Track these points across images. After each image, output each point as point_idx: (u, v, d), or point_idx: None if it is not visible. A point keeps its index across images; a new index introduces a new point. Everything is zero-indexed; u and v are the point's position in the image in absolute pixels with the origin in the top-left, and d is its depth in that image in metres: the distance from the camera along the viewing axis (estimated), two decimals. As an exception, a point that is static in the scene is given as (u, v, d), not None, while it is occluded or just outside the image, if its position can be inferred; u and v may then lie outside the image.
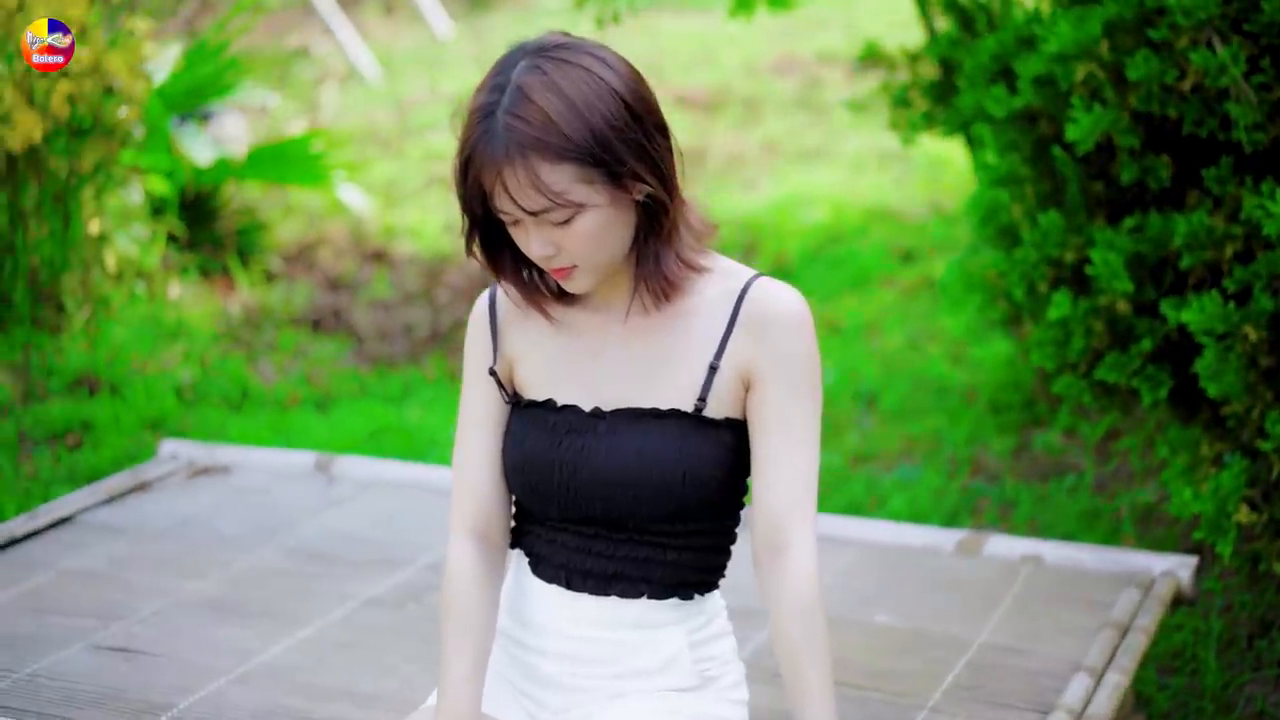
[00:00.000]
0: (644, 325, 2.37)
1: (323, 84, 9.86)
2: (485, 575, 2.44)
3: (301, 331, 6.45)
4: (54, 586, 3.58)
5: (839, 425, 5.39)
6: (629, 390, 2.36)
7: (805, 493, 2.32)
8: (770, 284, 2.34)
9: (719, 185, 7.92)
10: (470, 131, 2.21)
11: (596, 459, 2.33)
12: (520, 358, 2.43)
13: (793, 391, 2.31)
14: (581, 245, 2.24)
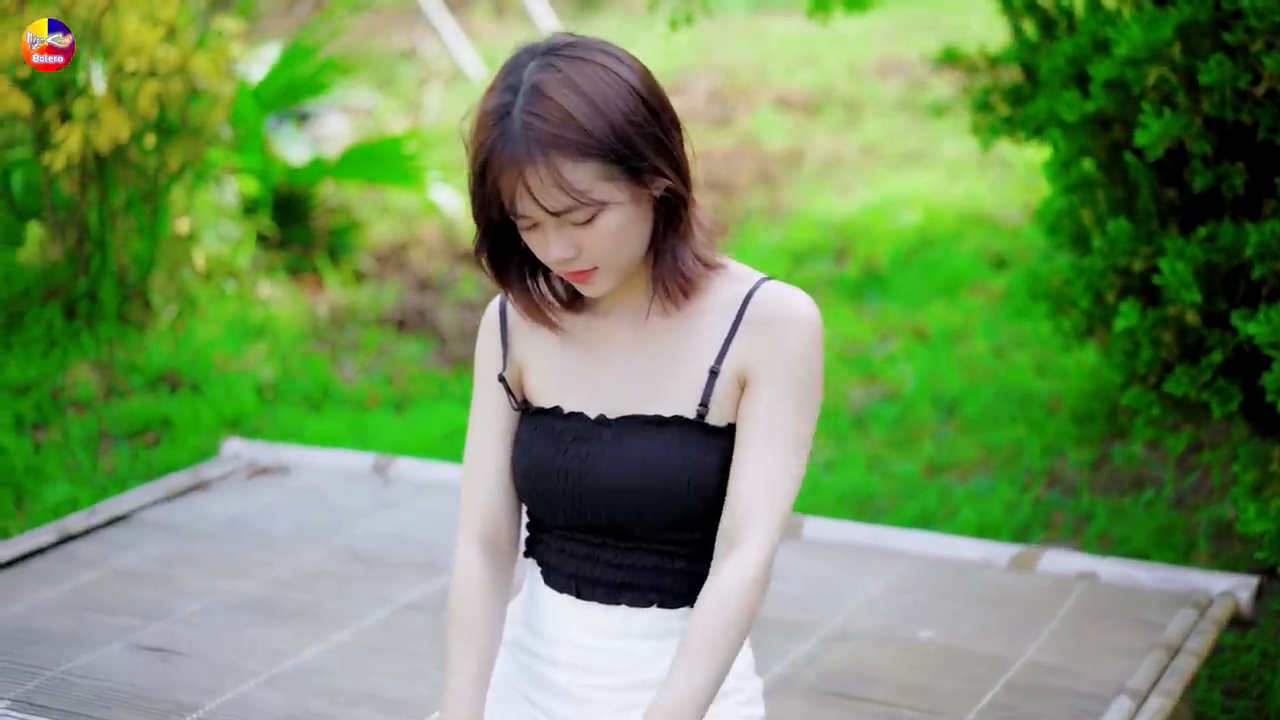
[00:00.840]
0: (652, 330, 2.33)
1: (426, 84, 9.90)
2: (491, 582, 2.41)
3: (386, 331, 6.46)
4: (101, 584, 3.60)
5: (916, 433, 5.31)
6: (635, 397, 2.32)
7: (774, 496, 2.26)
8: (780, 287, 2.29)
9: (814, 188, 7.84)
10: (485, 134, 2.17)
11: (600, 467, 2.29)
12: (529, 364, 2.40)
13: (784, 393, 2.25)
14: (604, 245, 2.20)
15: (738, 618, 2.24)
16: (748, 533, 2.25)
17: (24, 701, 3.02)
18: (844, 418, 5.46)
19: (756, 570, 2.25)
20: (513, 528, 2.46)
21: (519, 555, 2.48)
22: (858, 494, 4.83)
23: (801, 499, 4.76)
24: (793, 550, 3.72)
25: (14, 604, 3.49)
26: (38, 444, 5.43)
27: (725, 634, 2.24)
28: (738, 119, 8.87)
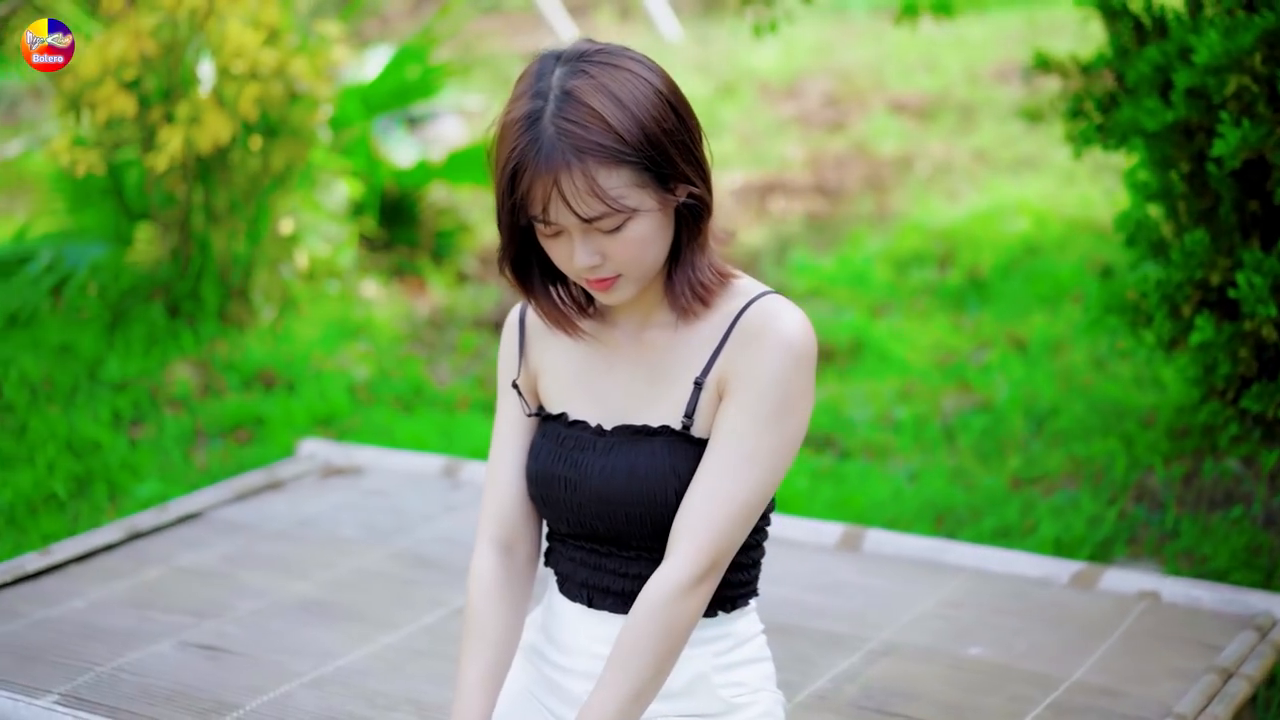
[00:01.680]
0: (653, 340, 2.33)
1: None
2: (503, 585, 2.43)
3: (483, 334, 6.49)
4: (163, 582, 3.65)
5: (1005, 445, 5.22)
6: (631, 406, 2.33)
7: (715, 512, 2.23)
8: (775, 303, 2.27)
9: (923, 194, 7.76)
10: (515, 141, 2.17)
11: (593, 476, 2.30)
12: (543, 371, 2.42)
13: (750, 409, 2.23)
14: (630, 252, 2.20)
15: (659, 629, 2.23)
16: (682, 542, 2.24)
17: (71, 696, 3.07)
18: (933, 428, 5.39)
19: (682, 582, 2.23)
20: (529, 532, 2.47)
21: (539, 560, 2.50)
22: (938, 506, 4.77)
23: (880, 510, 4.72)
24: (851, 563, 3.69)
25: (77, 599, 3.55)
26: (133, 440, 5.53)
27: (645, 644, 2.23)
28: (851, 123, 8.81)
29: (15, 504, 5.16)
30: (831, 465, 5.14)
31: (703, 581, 2.26)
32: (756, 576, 2.45)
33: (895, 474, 5.05)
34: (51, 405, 5.76)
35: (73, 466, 5.36)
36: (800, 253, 7.15)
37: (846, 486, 4.95)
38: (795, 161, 8.31)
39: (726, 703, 2.42)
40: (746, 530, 2.29)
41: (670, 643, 2.25)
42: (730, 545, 2.27)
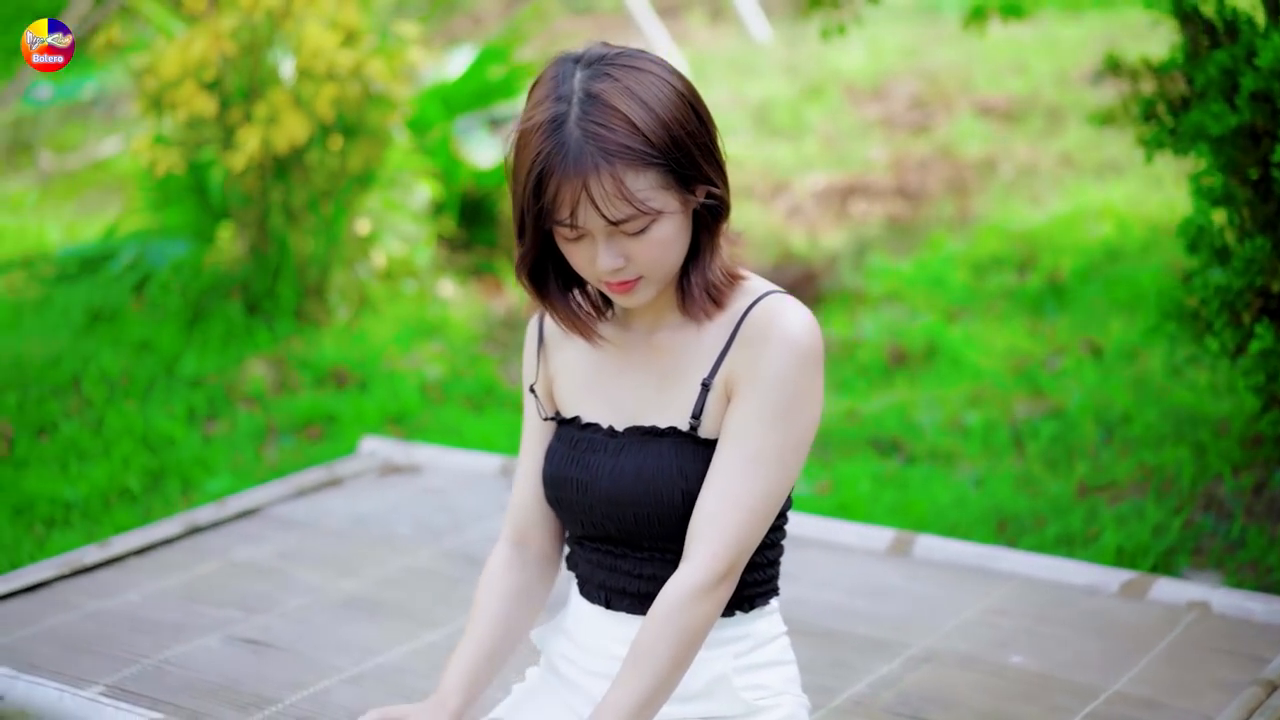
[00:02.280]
0: (663, 341, 2.34)
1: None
2: (509, 581, 2.48)
3: (557, 334, 6.52)
4: (216, 576, 3.70)
5: (1074, 452, 5.17)
6: (643, 407, 2.34)
7: (728, 515, 2.24)
8: (780, 302, 2.27)
9: (1006, 198, 7.70)
10: (540, 146, 2.17)
11: (602, 478, 2.32)
12: (559, 374, 2.44)
13: (758, 409, 2.23)
14: (654, 254, 2.21)
15: (675, 631, 2.23)
16: (698, 545, 2.24)
17: (116, 687, 3.11)
18: (1003, 433, 5.35)
19: (699, 584, 2.24)
20: (545, 533, 2.50)
21: (557, 559, 2.53)
22: (1001, 512, 4.73)
23: (942, 516, 4.69)
24: (899, 568, 3.67)
25: (130, 592, 3.61)
26: (207, 436, 5.60)
27: (661, 647, 2.23)
28: (936, 125, 8.75)
29: (90, 497, 5.25)
30: (896, 470, 5.12)
31: (720, 584, 2.27)
32: (774, 576, 2.45)
33: (960, 480, 5.02)
34: (129, 401, 5.85)
35: (147, 461, 5.45)
36: (878, 256, 7.11)
37: (909, 491, 4.92)
38: (878, 164, 8.27)
39: (748, 705, 2.42)
40: (763, 530, 2.29)
41: (686, 645, 2.26)
42: (747, 546, 2.28)
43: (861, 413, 5.61)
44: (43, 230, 8.06)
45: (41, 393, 5.98)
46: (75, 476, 5.37)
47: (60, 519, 5.13)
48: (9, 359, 6.33)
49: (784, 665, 2.49)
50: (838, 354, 6.18)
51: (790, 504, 2.43)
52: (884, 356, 6.09)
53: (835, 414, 5.61)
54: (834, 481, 5.03)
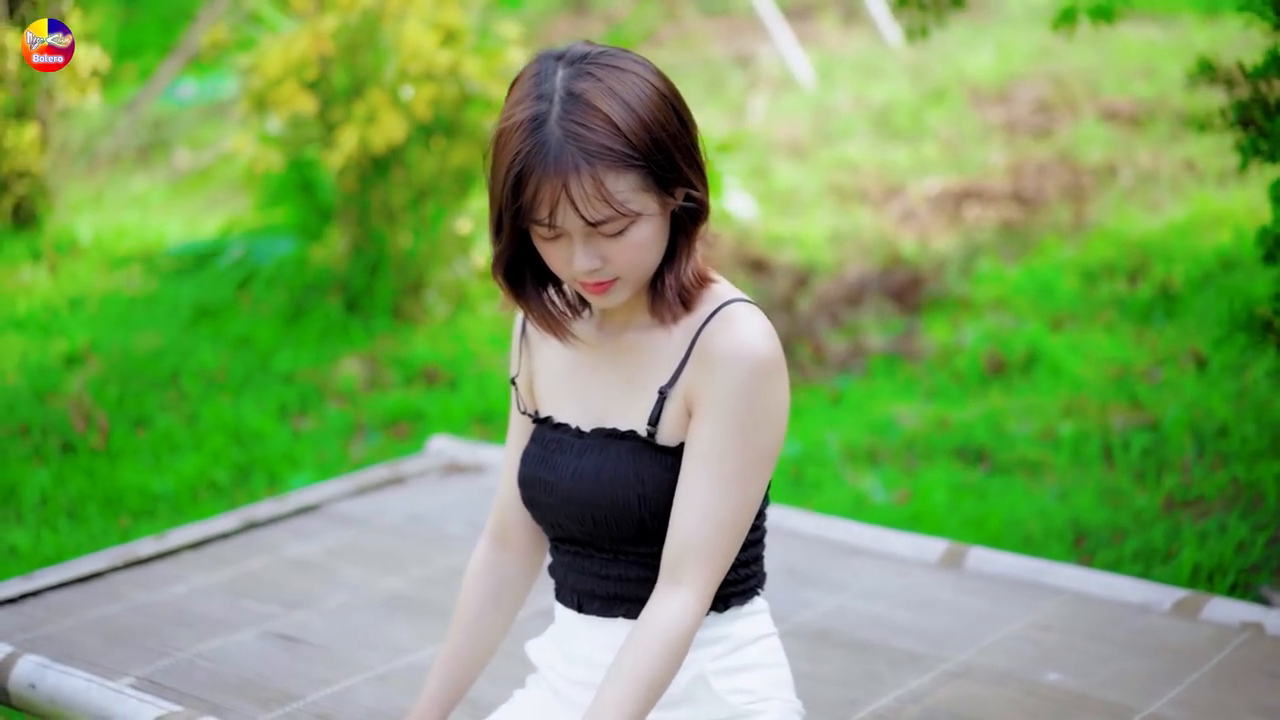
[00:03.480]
0: (631, 341, 2.30)
1: (753, 91, 9.90)
2: (486, 582, 2.50)
3: (653, 336, 6.49)
4: (265, 571, 3.72)
5: (1165, 465, 5.04)
6: (609, 409, 2.32)
7: (714, 537, 2.21)
8: (735, 313, 2.22)
9: (1123, 204, 7.53)
10: (520, 145, 2.14)
11: (565, 478, 2.30)
12: (538, 372, 2.43)
13: (723, 427, 2.19)
14: (631, 256, 2.18)
15: (672, 660, 2.21)
16: (687, 574, 2.21)
17: (146, 680, 3.14)
18: (1094, 445, 5.22)
19: (694, 619, 2.23)
20: (525, 530, 2.51)
21: (538, 556, 2.51)
22: (1081, 526, 4.62)
23: (1018, 528, 4.59)
24: (949, 580, 3.59)
25: (178, 585, 3.64)
26: (296, 432, 5.65)
27: (660, 675, 2.22)
28: (1059, 130, 8.59)
29: (179, 490, 5.32)
30: (978, 480, 5.02)
31: (708, 605, 2.25)
32: (751, 575, 2.39)
33: (1045, 491, 4.91)
34: (224, 395, 5.92)
35: (236, 456, 5.51)
36: (988, 262, 7.00)
37: (988, 502, 4.82)
38: (996, 168, 8.13)
39: (734, 708, 2.37)
40: (740, 543, 2.26)
41: (676, 668, 2.24)
42: (729, 563, 2.26)
43: (951, 421, 5.51)
44: (164, 227, 8.20)
45: (142, 386, 6.08)
46: (166, 469, 5.45)
47: (147, 511, 5.20)
48: (117, 352, 6.44)
49: (771, 669, 2.42)
50: (934, 361, 6.09)
51: (767, 501, 2.39)
52: (982, 364, 5.98)
53: (925, 422, 5.52)
54: (913, 490, 4.95)
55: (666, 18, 11.82)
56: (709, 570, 2.22)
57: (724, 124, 9.37)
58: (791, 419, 5.69)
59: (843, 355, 6.25)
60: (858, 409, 5.73)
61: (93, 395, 5.99)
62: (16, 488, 5.41)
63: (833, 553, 3.76)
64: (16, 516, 5.23)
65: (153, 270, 7.47)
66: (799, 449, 5.35)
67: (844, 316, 6.64)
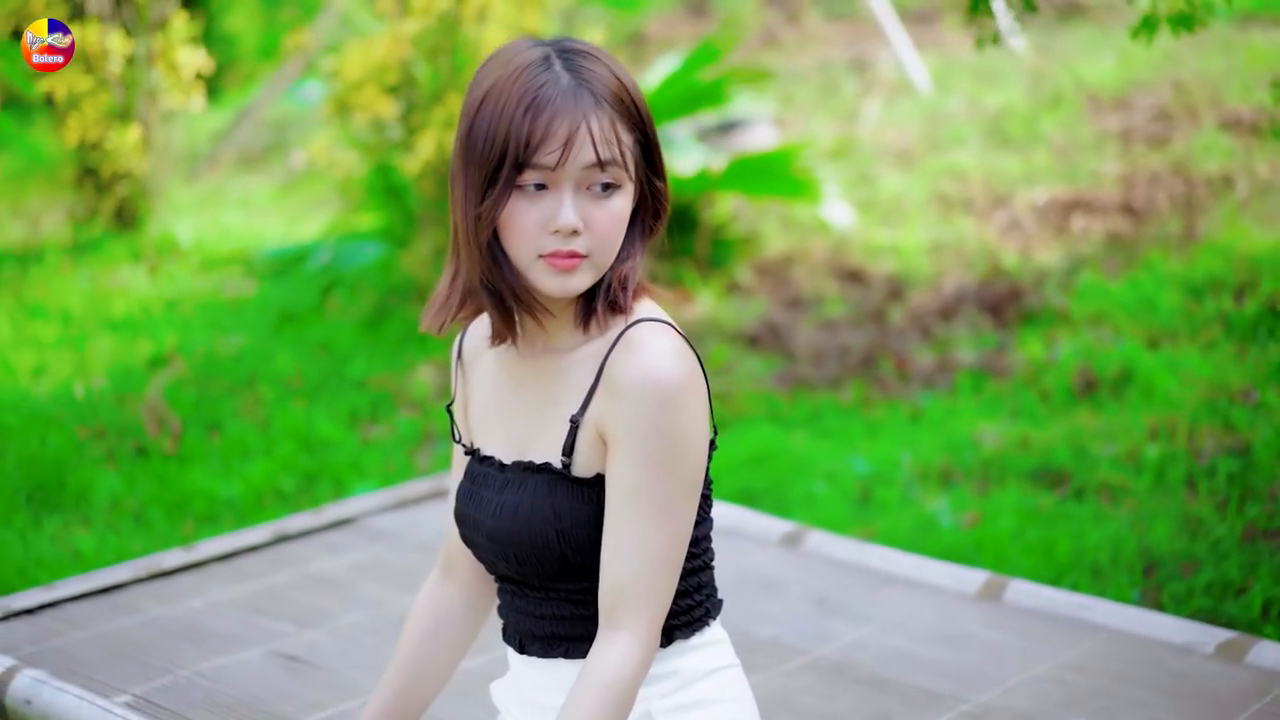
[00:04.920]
0: (550, 365, 2.18)
1: (867, 96, 9.72)
2: (427, 618, 2.40)
3: (737, 347, 6.36)
4: (285, 587, 3.66)
5: (1250, 493, 4.81)
6: (528, 439, 2.21)
7: (647, 575, 2.08)
8: (639, 337, 2.09)
9: (1236, 217, 7.26)
10: (530, 82, 2.04)
11: (487, 516, 2.19)
12: (471, 399, 2.33)
13: (641, 461, 2.06)
14: (608, 228, 2.09)
15: (620, 706, 2.09)
16: (627, 616, 2.09)
17: (142, 698, 3.09)
18: (1179, 469, 5.01)
19: (638, 662, 2.10)
20: (467, 561, 2.41)
21: (487, 589, 2.41)
22: (1153, 555, 4.42)
23: (1086, 555, 4.41)
24: (983, 613, 3.43)
25: (196, 599, 3.59)
26: (365, 440, 5.60)
27: None
28: (1176, 139, 8.32)
29: (245, 496, 5.30)
30: (1052, 505, 4.83)
31: (655, 647, 2.13)
32: (694, 606, 2.24)
33: (1120, 518, 4.71)
34: (297, 401, 5.90)
35: (304, 462, 5.48)
36: (1090, 275, 6.77)
37: (1059, 528, 4.64)
38: (1108, 178, 7.89)
39: None
40: (677, 575, 2.13)
41: (625, 715, 2.12)
42: (669, 599, 2.13)
43: (1033, 441, 5.32)
44: (265, 230, 8.23)
45: (219, 390, 6.07)
46: (234, 475, 5.43)
47: (212, 516, 5.18)
48: (200, 355, 6.45)
49: (727, 704, 2.26)
50: (1024, 378, 5.90)
51: (710, 523, 2.26)
52: (1072, 382, 5.78)
53: (1005, 442, 5.34)
54: (982, 514, 4.77)
55: (788, 21, 11.67)
56: (647, 609, 2.09)
57: (834, 130, 9.20)
58: (866, 436, 5.54)
59: (928, 370, 6.08)
60: (937, 427, 5.56)
61: (169, 399, 5.99)
62: (88, 490, 5.42)
63: (867, 582, 3.61)
64: (85, 519, 5.24)
65: (250, 273, 7.49)
66: (869, 468, 5.20)
67: (935, 330, 6.46)
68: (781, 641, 3.33)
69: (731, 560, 3.74)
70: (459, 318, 2.20)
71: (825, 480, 5.15)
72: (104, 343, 6.82)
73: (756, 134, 8.52)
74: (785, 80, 10.05)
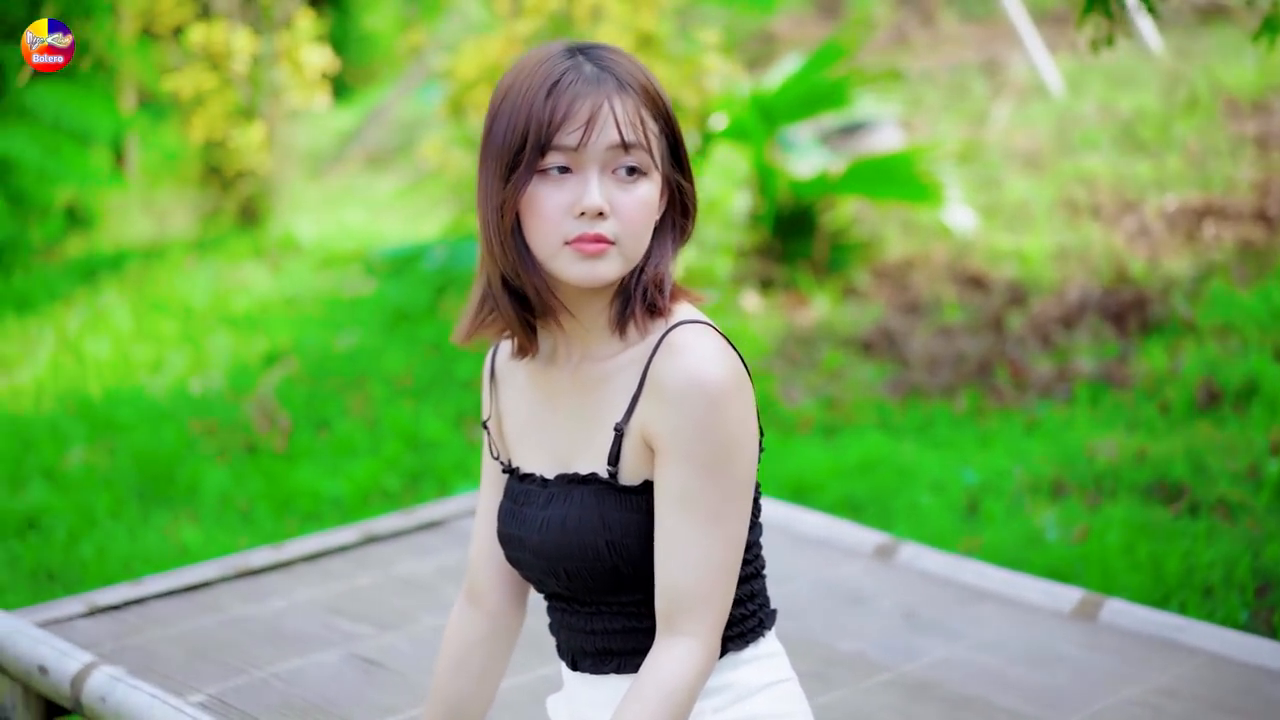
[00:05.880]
0: (590, 374, 2.13)
1: (998, 98, 9.56)
2: (455, 647, 2.35)
3: (850, 353, 6.27)
4: (369, 589, 3.64)
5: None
6: (571, 451, 2.15)
7: (707, 579, 2.03)
8: (681, 340, 2.03)
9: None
10: (552, 68, 2.05)
11: (534, 532, 2.14)
12: (503, 417, 2.28)
13: (692, 466, 2.01)
14: (635, 214, 2.06)
15: (676, 714, 2.03)
16: (687, 622, 2.03)
17: (216, 698, 3.08)
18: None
19: (700, 667, 2.04)
20: (498, 588, 2.36)
21: (514, 616, 2.35)
22: (1268, 575, 4.26)
23: (1196, 575, 4.27)
24: (1077, 633, 3.31)
25: (280, 599, 3.58)
26: (470, 440, 5.59)
27: None
28: (1317, 145, 8.09)
29: (350, 495, 5.30)
30: (1166, 520, 4.69)
31: (716, 653, 2.07)
32: (747, 616, 2.18)
33: (1236, 536, 4.56)
34: (406, 400, 5.90)
35: (410, 462, 5.47)
36: (1219, 284, 6.59)
37: (1171, 545, 4.49)
38: (1242, 184, 7.68)
39: None
40: (735, 580, 2.08)
41: None
42: (729, 604, 2.08)
43: (1150, 454, 5.17)
44: (386, 229, 8.26)
45: (330, 388, 6.09)
46: (340, 473, 5.44)
47: (315, 514, 5.19)
48: (315, 353, 6.48)
49: (779, 719, 2.21)
50: (1144, 389, 5.74)
51: (760, 530, 2.20)
52: (1194, 394, 5.61)
53: (1121, 455, 5.19)
54: (1091, 529, 4.64)
55: (922, 22, 11.53)
56: (708, 615, 2.04)
57: (962, 132, 9.06)
58: (978, 446, 5.42)
59: (1046, 380, 5.94)
60: (1052, 438, 5.42)
61: (281, 396, 6.02)
62: (197, 486, 5.46)
63: (959, 597, 3.52)
64: (194, 515, 5.27)
65: (369, 272, 7.52)
66: (978, 479, 5.08)
67: (1056, 338, 6.31)
68: (865, 657, 3.24)
69: (820, 571, 3.66)
70: (483, 329, 2.16)
71: (932, 490, 5.05)
72: (222, 339, 6.88)
73: (882, 136, 8.40)
74: (914, 82, 9.92)
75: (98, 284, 7.86)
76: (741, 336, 6.35)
